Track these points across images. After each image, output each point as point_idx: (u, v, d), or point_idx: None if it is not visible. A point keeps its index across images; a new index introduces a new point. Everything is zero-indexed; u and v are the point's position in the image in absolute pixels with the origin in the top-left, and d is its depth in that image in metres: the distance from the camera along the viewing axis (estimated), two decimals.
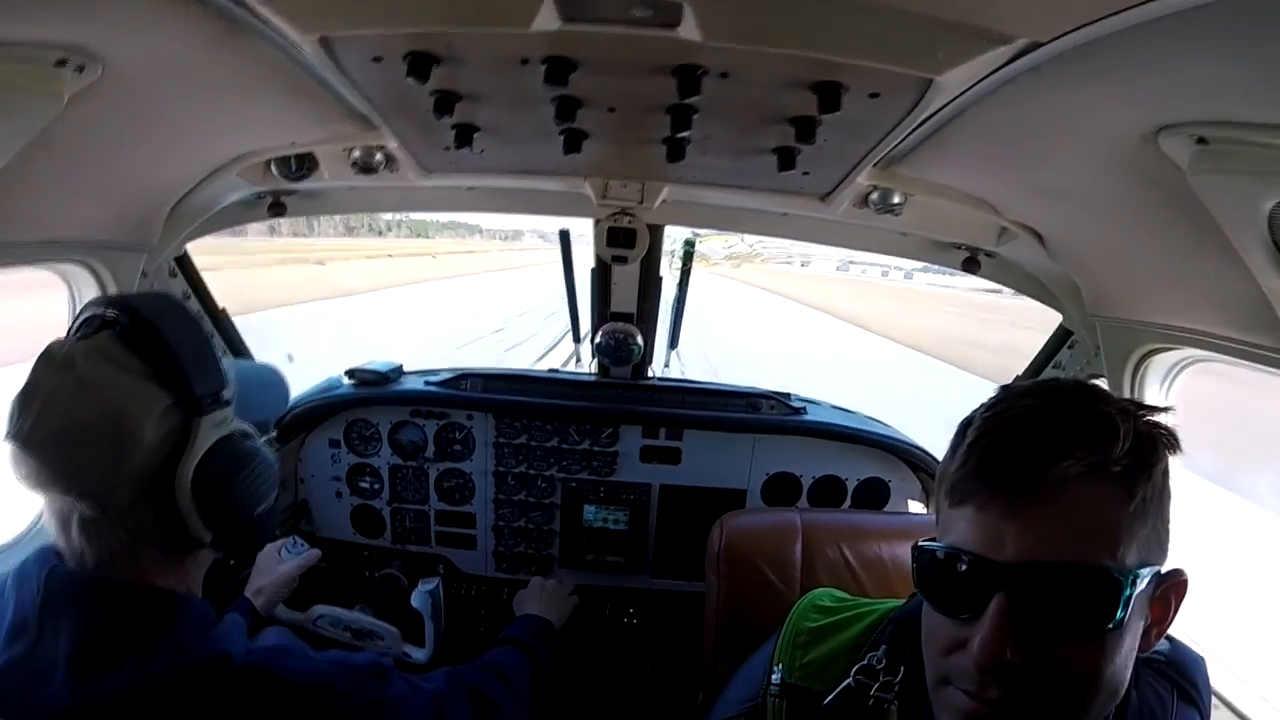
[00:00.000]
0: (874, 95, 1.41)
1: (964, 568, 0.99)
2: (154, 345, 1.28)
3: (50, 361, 1.24)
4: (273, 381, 1.88)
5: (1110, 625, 0.94)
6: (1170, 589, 1.04)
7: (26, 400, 1.21)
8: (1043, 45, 1.12)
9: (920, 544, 1.08)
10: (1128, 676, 1.02)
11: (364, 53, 1.40)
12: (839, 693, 1.27)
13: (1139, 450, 0.96)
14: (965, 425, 1.06)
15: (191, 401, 1.30)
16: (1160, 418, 1.02)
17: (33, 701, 1.20)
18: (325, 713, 1.34)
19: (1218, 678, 1.85)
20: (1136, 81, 1.18)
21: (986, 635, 0.94)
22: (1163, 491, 1.00)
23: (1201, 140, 1.21)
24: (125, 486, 1.24)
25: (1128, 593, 0.94)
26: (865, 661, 1.28)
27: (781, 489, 3.07)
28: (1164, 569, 1.02)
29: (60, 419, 1.19)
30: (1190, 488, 2.02)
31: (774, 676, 1.39)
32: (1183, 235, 1.50)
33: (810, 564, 2.11)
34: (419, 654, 2.53)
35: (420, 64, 1.39)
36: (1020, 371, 2.74)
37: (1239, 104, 1.11)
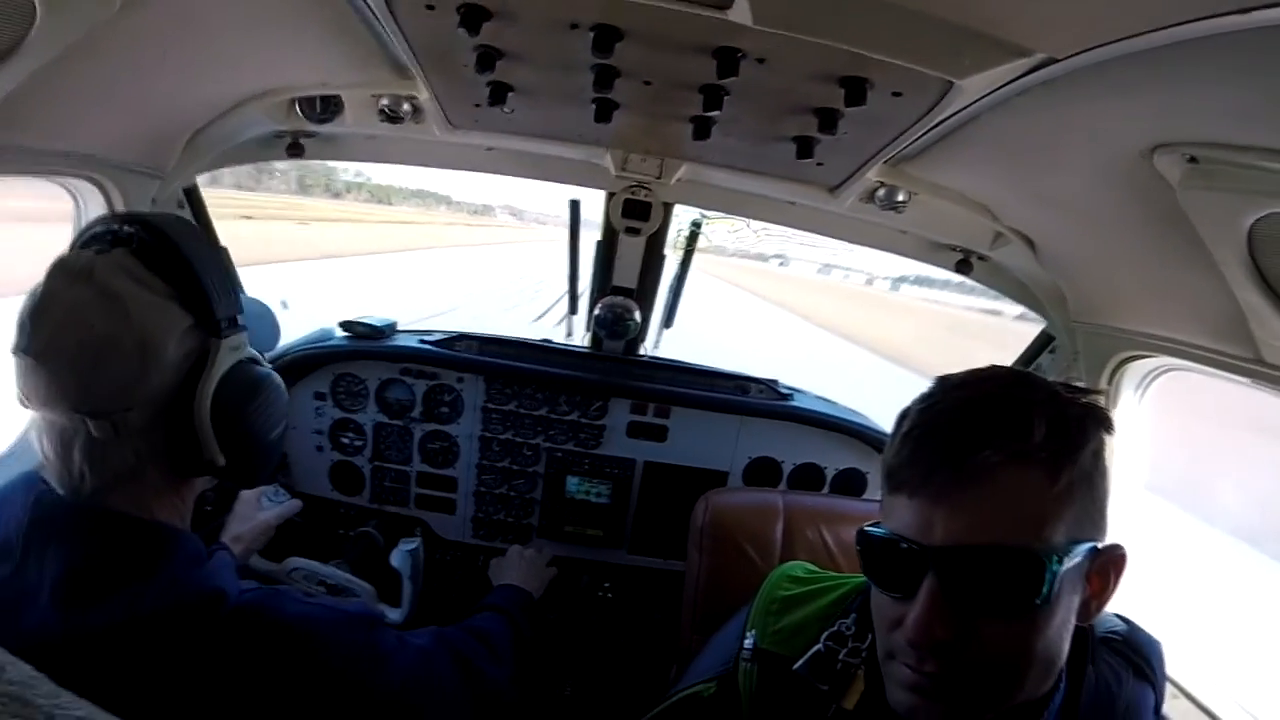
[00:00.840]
0: (897, 94, 1.51)
1: (899, 551, 1.07)
2: (176, 265, 1.28)
3: (66, 273, 1.21)
4: (264, 315, 1.90)
5: (1037, 601, 1.00)
6: (1108, 563, 1.11)
7: (41, 312, 1.18)
8: (1058, 61, 1.22)
9: (864, 528, 1.16)
10: (1064, 648, 1.10)
11: None
12: (809, 657, 1.34)
13: (1063, 435, 1.03)
14: (903, 416, 1.15)
15: (212, 323, 1.32)
16: (1091, 400, 1.10)
17: (17, 626, 1.17)
18: (317, 656, 1.34)
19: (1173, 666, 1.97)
20: (1139, 101, 1.28)
21: (918, 613, 1.03)
22: (1093, 471, 1.06)
23: (1193, 159, 1.32)
24: (141, 407, 1.24)
25: (1054, 571, 1.00)
26: (835, 628, 1.36)
27: (762, 473, 3.13)
28: (1102, 544, 1.08)
29: (83, 332, 1.17)
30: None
31: (746, 642, 1.46)
32: (1167, 248, 1.61)
33: (790, 544, 2.20)
34: (394, 614, 2.52)
35: (472, 16, 1.41)
36: None
37: (1230, 126, 1.22)
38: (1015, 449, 1.01)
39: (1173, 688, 1.98)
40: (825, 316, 40.79)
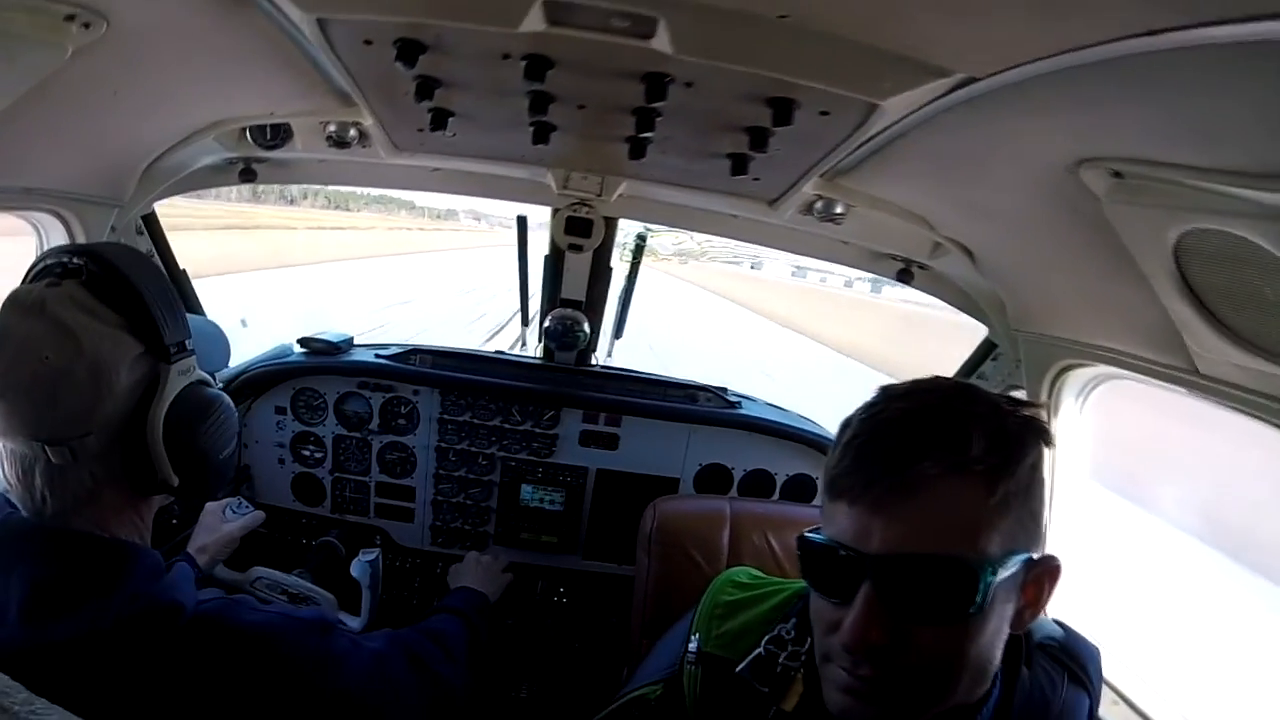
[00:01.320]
0: (824, 113, 1.50)
1: (837, 558, 1.06)
2: (125, 294, 1.29)
3: (19, 307, 1.23)
4: (213, 334, 1.90)
5: (971, 610, 1.00)
6: (1043, 573, 1.10)
7: None
8: (979, 80, 1.21)
9: (804, 534, 1.14)
10: (996, 655, 1.10)
11: (357, 35, 1.44)
12: (750, 661, 1.32)
13: (1001, 448, 1.02)
14: (845, 425, 1.13)
15: (161, 349, 1.32)
16: (1031, 413, 1.09)
17: None
18: (273, 661, 1.35)
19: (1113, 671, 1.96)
20: (1062, 118, 1.27)
21: (854, 619, 1.02)
22: (1030, 484, 1.05)
23: (1117, 174, 1.30)
24: (97, 433, 1.24)
25: (988, 580, 1.00)
26: (776, 632, 1.34)
27: (713, 480, 3.13)
28: (1037, 555, 1.08)
29: (37, 364, 1.18)
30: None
31: (691, 645, 1.45)
32: (1100, 260, 1.58)
33: (737, 550, 2.17)
34: (354, 623, 2.50)
35: (409, 50, 1.43)
36: None
37: (1151, 144, 1.19)
38: (953, 461, 1.00)
39: (1111, 693, 1.97)
40: (797, 321, 40.38)
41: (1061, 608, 1.19)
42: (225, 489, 2.95)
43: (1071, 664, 1.27)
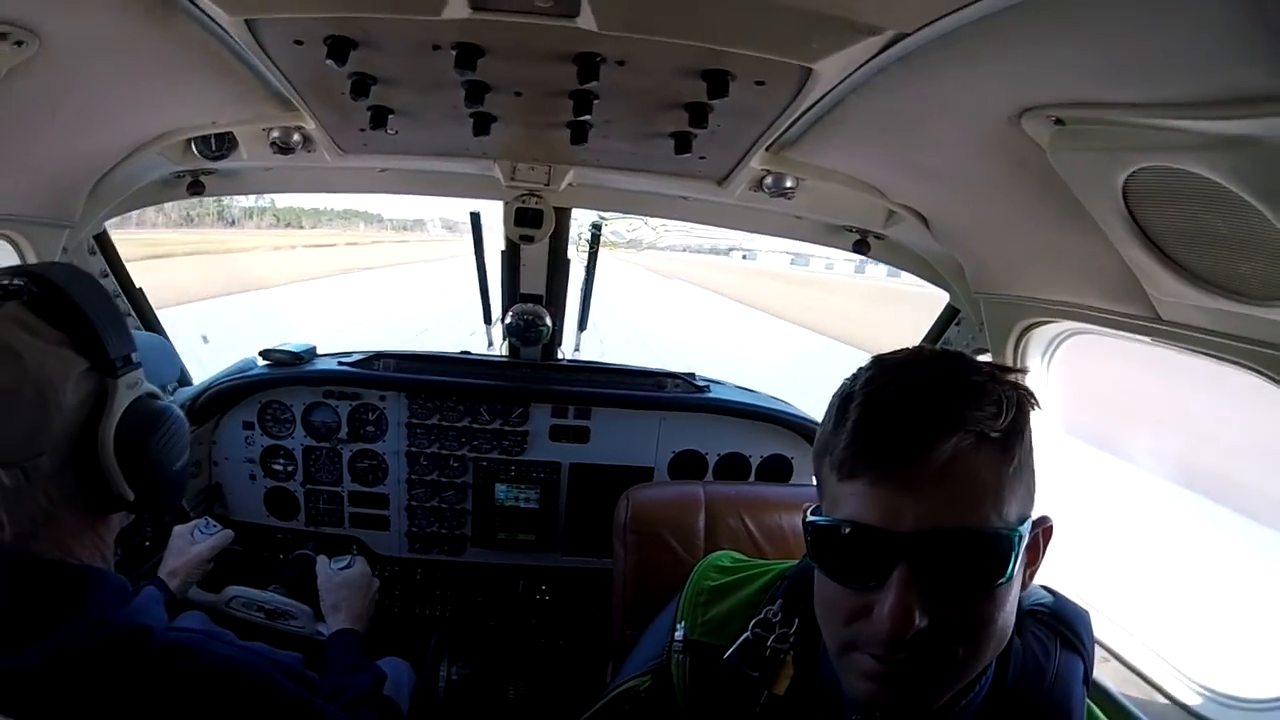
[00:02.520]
0: (759, 83, 1.47)
1: (864, 541, 1.00)
2: (66, 311, 1.25)
3: None
4: (160, 347, 1.86)
5: (1002, 579, 0.98)
6: (1040, 534, 1.09)
7: None
8: (908, 35, 1.18)
9: (812, 519, 1.09)
10: (1013, 620, 1.07)
11: (286, 35, 1.42)
12: (738, 646, 1.29)
13: (1011, 415, 1.00)
14: (845, 399, 1.07)
15: (107, 364, 1.28)
16: (1017, 378, 1.07)
17: None
18: (239, 699, 1.32)
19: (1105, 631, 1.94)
20: (997, 67, 1.24)
21: (894, 604, 0.96)
22: (1031, 448, 1.04)
23: (1058, 121, 1.27)
24: (49, 453, 1.21)
25: (1016, 547, 0.98)
26: (762, 615, 1.31)
27: (688, 466, 3.11)
28: (1034, 517, 1.06)
29: None
30: None
31: (677, 634, 1.41)
32: (1051, 212, 1.56)
33: (713, 534, 2.14)
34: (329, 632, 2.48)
35: (339, 47, 1.42)
36: None
37: (1089, 85, 1.17)
38: (977, 432, 0.98)
39: (1102, 651, 1.95)
40: (781, 308, 37.21)
41: (1047, 570, 1.15)
42: (192, 506, 2.95)
43: (1063, 629, 1.25)
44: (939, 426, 0.97)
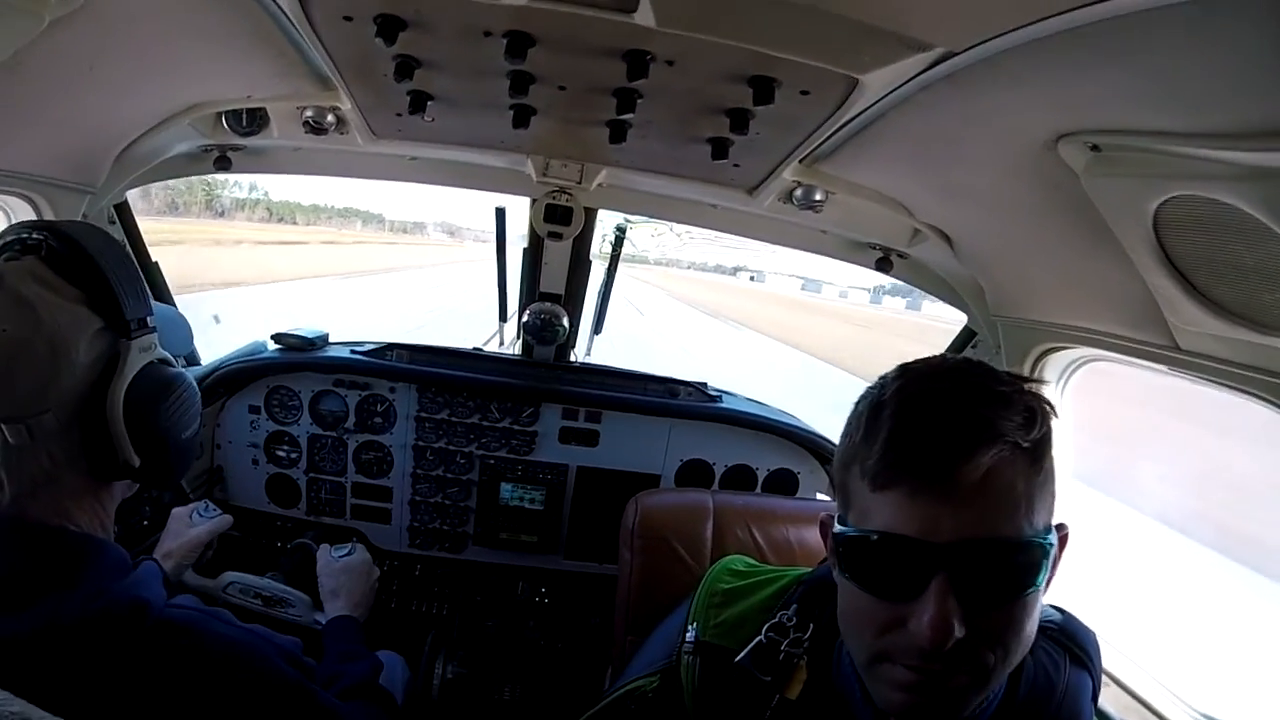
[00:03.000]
0: (805, 92, 1.50)
1: (901, 552, 1.01)
2: (84, 268, 1.27)
3: None
4: (175, 320, 1.85)
5: (1033, 587, 1.00)
6: (1059, 541, 1.08)
7: None
8: (957, 54, 1.22)
9: (841, 530, 1.10)
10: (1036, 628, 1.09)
11: (337, 10, 1.43)
12: (751, 649, 1.31)
13: (1039, 424, 1.02)
14: (876, 408, 1.07)
15: (121, 325, 1.29)
16: (1035, 387, 1.09)
17: None
18: (237, 678, 1.32)
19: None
20: (1039, 91, 1.27)
21: (935, 615, 0.97)
22: (1053, 457, 1.06)
23: (1095, 147, 1.31)
24: (55, 410, 1.22)
25: (1047, 556, 1.01)
26: (776, 620, 1.32)
27: (695, 476, 3.12)
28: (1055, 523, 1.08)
29: None
30: None
31: (688, 635, 1.42)
32: (1079, 238, 1.60)
33: (721, 543, 2.14)
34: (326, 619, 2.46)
35: (389, 26, 1.42)
36: None
37: (1127, 112, 1.21)
38: (1012, 442, 1.00)
39: (1105, 677, 1.97)
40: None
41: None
42: (192, 488, 2.94)
43: (1073, 646, 1.27)
44: (977, 437, 0.98)
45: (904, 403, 1.05)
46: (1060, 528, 1.09)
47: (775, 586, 1.44)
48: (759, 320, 42.14)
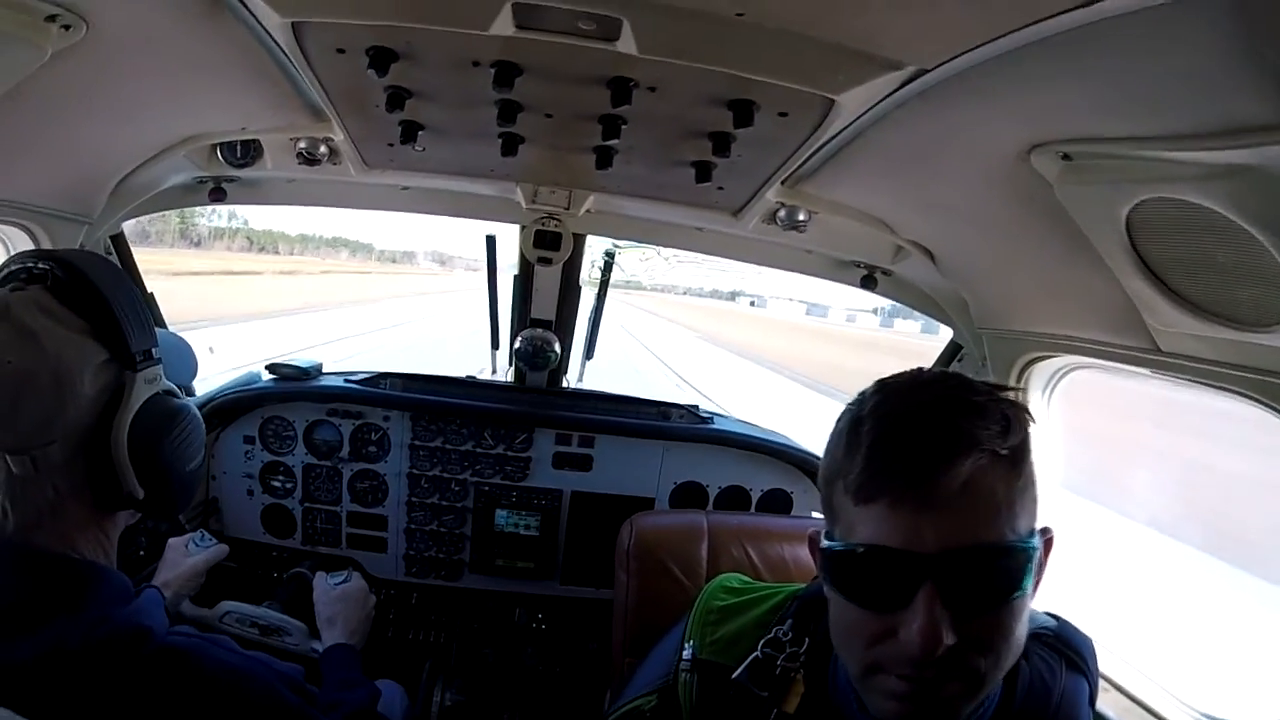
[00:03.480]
0: (783, 114, 1.55)
1: (887, 563, 1.03)
2: (90, 300, 1.27)
3: None
4: (180, 349, 1.86)
5: (1019, 591, 1.02)
6: (1044, 545, 1.10)
7: None
8: (928, 71, 1.26)
9: (827, 545, 1.12)
10: (1027, 632, 1.09)
11: (329, 43, 1.47)
12: (748, 665, 1.31)
13: (1016, 432, 1.04)
14: (855, 423, 1.10)
15: (127, 356, 1.29)
16: (1013, 395, 1.12)
17: None
18: (238, 705, 1.31)
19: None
20: (1010, 104, 1.32)
21: (924, 624, 0.98)
22: (1033, 463, 1.08)
23: (1066, 156, 1.36)
24: (60, 442, 1.22)
25: (1032, 558, 1.03)
26: (772, 635, 1.33)
27: (689, 498, 3.13)
28: (1038, 527, 1.09)
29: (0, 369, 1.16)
30: None
31: (685, 653, 1.43)
32: (1056, 247, 1.64)
33: (716, 563, 2.16)
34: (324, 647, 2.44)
35: (381, 58, 1.46)
36: None
37: (1096, 120, 1.25)
38: (989, 450, 1.01)
39: (1104, 682, 1.98)
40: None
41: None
42: (188, 519, 2.92)
43: (1068, 651, 1.27)
44: (955, 447, 1.00)
45: (882, 417, 1.08)
46: (1045, 531, 1.11)
47: (770, 603, 1.45)
48: (766, 350, 40.52)
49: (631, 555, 2.22)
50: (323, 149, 2.27)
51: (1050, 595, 1.20)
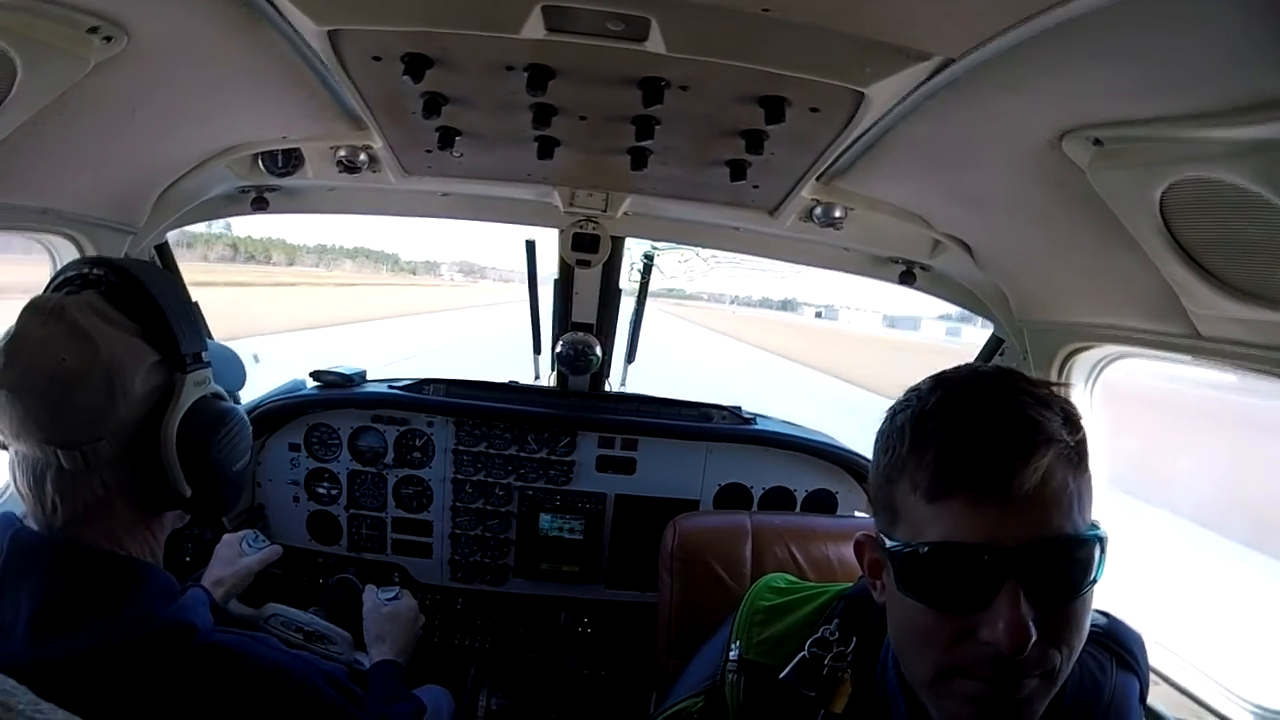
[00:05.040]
0: (814, 109, 1.57)
1: (967, 561, 1.02)
2: (141, 302, 1.32)
3: (38, 312, 1.26)
4: (228, 357, 1.89)
5: (1092, 580, 1.03)
6: None
7: (14, 348, 1.23)
8: (955, 61, 1.27)
9: (894, 546, 1.10)
10: None
11: (366, 50, 1.51)
12: (795, 665, 1.31)
13: (1077, 426, 1.06)
14: (920, 419, 1.09)
15: (177, 358, 1.34)
16: (1061, 390, 1.11)
17: None
18: (283, 702, 1.35)
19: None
20: (1039, 90, 1.33)
21: (1012, 620, 0.97)
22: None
23: (1097, 141, 1.36)
24: (110, 439, 1.26)
25: (1103, 550, 1.03)
26: (819, 634, 1.33)
27: (733, 499, 3.13)
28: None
29: (54, 367, 1.21)
30: None
31: (732, 653, 1.42)
32: (1091, 234, 1.64)
33: (760, 563, 2.17)
34: (370, 663, 2.44)
35: (416, 64, 1.51)
36: None
37: (1123, 102, 1.26)
38: (1061, 442, 1.02)
39: (1155, 676, 1.96)
40: None
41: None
42: (234, 526, 2.93)
43: (1119, 649, 1.28)
44: (1032, 440, 1.00)
45: (950, 412, 1.07)
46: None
47: (817, 602, 1.45)
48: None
49: (675, 557, 2.24)
50: (362, 156, 2.31)
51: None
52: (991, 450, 1.01)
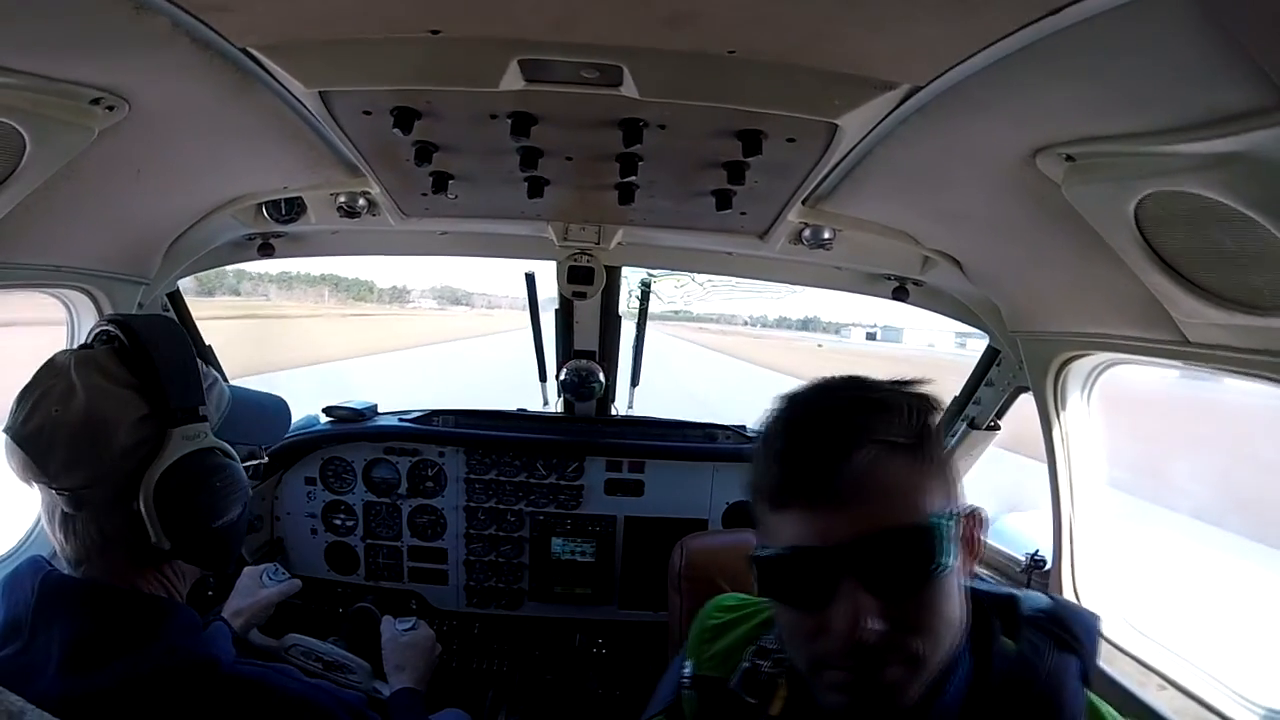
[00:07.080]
0: (791, 140, 1.59)
1: (806, 562, 1.06)
2: (139, 358, 1.36)
3: (50, 368, 1.32)
4: (276, 409, 1.87)
5: (939, 566, 1.04)
6: (973, 524, 1.15)
7: (23, 398, 1.30)
8: (922, 88, 1.29)
9: (755, 554, 1.14)
10: (962, 610, 1.12)
11: (356, 106, 1.55)
12: (740, 674, 1.34)
13: (912, 421, 1.08)
14: (767, 437, 1.14)
15: (167, 412, 1.35)
16: (917, 389, 1.15)
17: (24, 696, 1.16)
18: None
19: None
20: (1007, 112, 1.33)
21: (847, 614, 1.01)
22: (942, 448, 1.12)
23: (1069, 157, 1.37)
24: (100, 486, 1.29)
25: (943, 537, 1.04)
26: (759, 644, 1.36)
27: (741, 517, 3.11)
28: (961, 510, 1.12)
29: (44, 418, 1.27)
30: None
31: (685, 671, 1.46)
32: (1074, 246, 1.63)
33: None
34: (389, 691, 2.42)
35: (404, 117, 1.55)
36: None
37: (1093, 121, 1.26)
38: (885, 441, 1.05)
39: (1161, 679, 1.94)
40: None
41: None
42: (254, 560, 2.95)
43: (1058, 630, 1.27)
44: (849, 442, 1.04)
45: (787, 425, 1.13)
46: (971, 512, 1.15)
47: (763, 615, 1.47)
48: None
49: (683, 577, 2.24)
50: (361, 201, 2.35)
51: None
52: (815, 456, 1.05)
